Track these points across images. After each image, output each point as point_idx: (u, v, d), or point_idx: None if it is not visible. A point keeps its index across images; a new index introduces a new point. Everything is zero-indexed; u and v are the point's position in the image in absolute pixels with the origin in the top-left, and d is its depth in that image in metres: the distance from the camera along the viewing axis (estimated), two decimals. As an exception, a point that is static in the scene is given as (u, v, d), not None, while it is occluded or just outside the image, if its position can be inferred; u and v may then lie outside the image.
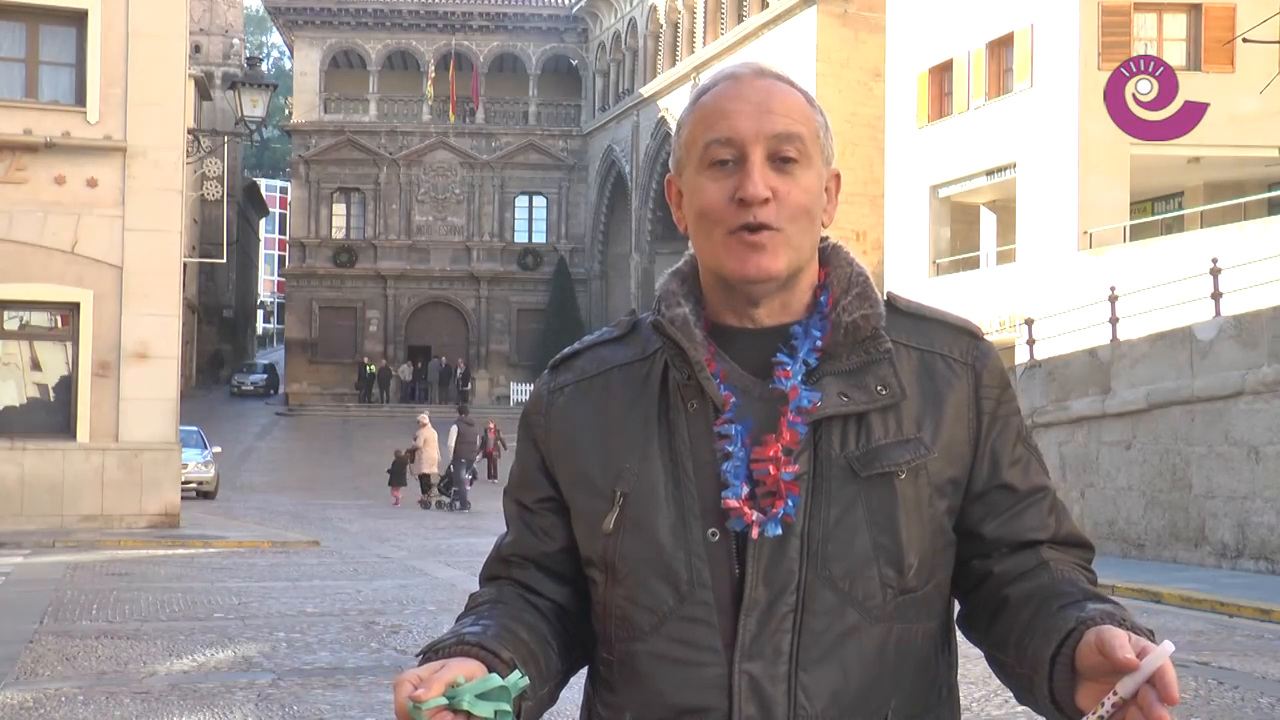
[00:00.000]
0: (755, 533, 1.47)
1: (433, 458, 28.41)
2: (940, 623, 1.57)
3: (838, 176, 1.60)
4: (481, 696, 1.37)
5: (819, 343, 1.53)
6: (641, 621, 1.52)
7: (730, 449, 1.50)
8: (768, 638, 1.46)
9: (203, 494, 28.49)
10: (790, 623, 1.46)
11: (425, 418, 29.57)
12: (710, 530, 1.49)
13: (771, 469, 1.48)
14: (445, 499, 27.86)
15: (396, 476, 29.16)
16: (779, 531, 1.47)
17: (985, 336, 1.62)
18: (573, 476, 1.59)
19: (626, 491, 1.53)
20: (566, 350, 1.69)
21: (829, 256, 1.59)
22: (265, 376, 61.68)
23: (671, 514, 1.51)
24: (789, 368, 1.51)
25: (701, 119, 1.55)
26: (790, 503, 1.47)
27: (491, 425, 35.20)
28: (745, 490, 1.48)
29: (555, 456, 1.62)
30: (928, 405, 1.53)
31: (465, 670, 1.39)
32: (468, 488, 27.35)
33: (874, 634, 1.49)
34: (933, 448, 1.52)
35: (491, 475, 33.86)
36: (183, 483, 22.24)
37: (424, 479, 28.71)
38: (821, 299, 1.56)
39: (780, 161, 1.51)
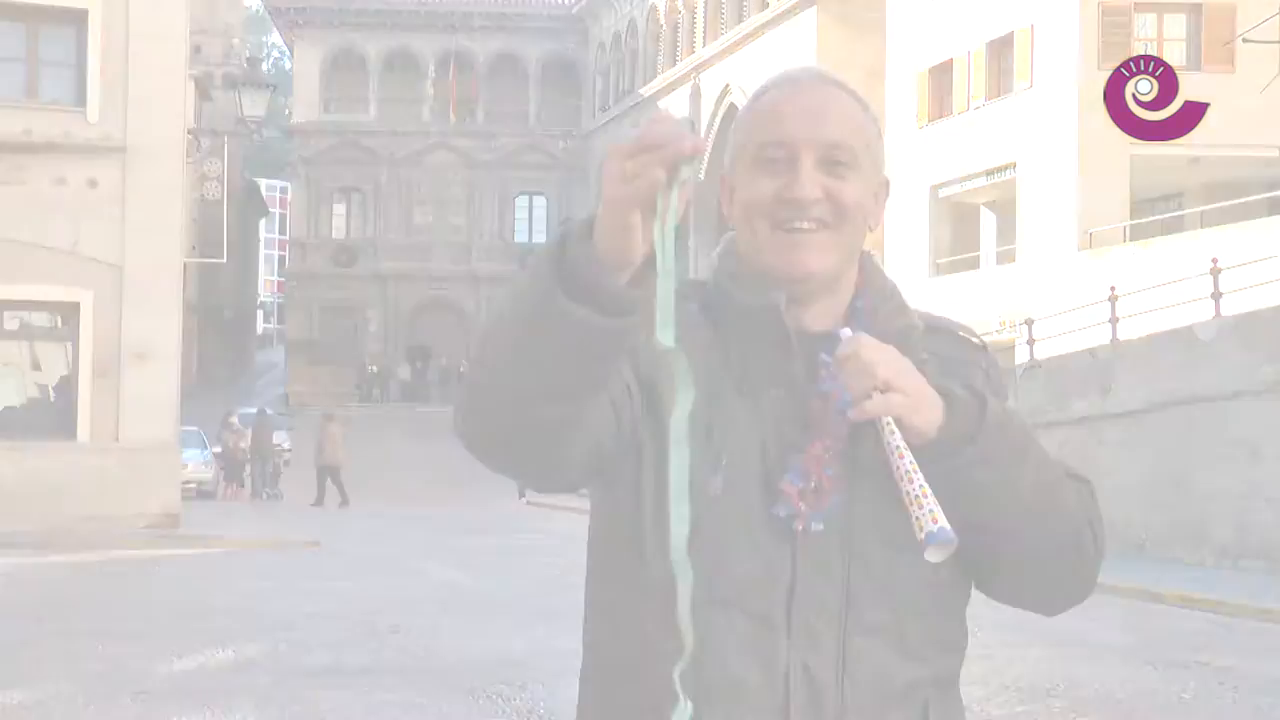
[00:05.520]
0: (800, 525, 1.51)
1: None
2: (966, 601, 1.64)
3: (887, 183, 1.63)
4: None
5: None
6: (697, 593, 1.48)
7: (798, 440, 1.53)
8: (823, 626, 1.50)
9: (203, 494, 28.52)
10: (838, 609, 1.51)
11: (235, 419, 32.29)
12: (771, 511, 1.51)
13: (816, 466, 1.52)
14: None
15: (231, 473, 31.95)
16: (821, 527, 1.51)
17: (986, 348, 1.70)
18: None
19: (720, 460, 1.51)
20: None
21: (863, 264, 1.62)
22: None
23: (750, 493, 1.52)
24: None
25: (756, 120, 1.58)
26: (834, 500, 1.51)
27: None
28: (800, 484, 1.51)
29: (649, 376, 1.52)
30: None
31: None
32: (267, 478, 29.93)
33: (915, 623, 1.54)
34: None
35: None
36: (183, 483, 22.24)
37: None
38: (859, 305, 1.59)
39: (831, 164, 1.54)
